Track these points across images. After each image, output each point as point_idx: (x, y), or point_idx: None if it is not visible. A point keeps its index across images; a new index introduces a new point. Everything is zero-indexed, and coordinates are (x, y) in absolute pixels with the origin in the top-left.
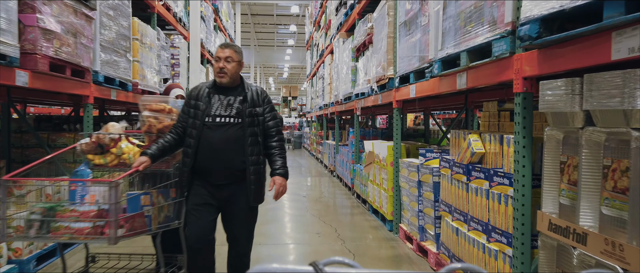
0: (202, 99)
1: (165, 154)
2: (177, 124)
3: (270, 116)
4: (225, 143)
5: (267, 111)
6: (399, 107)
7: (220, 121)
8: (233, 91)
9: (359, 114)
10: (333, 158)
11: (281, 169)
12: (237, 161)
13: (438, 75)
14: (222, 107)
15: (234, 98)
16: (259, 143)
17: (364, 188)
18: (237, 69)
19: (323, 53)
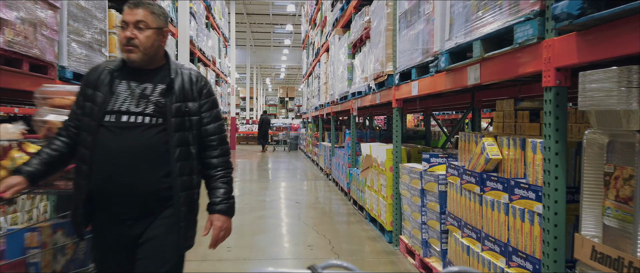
0: (102, 87)
1: (53, 169)
2: (69, 123)
3: (210, 117)
4: (134, 155)
5: (205, 108)
6: (398, 106)
7: (128, 120)
8: (151, 75)
9: (356, 115)
10: (329, 161)
11: (223, 203)
12: (155, 184)
13: (445, 69)
14: (131, 99)
15: (151, 86)
16: (191, 157)
17: (361, 194)
18: (157, 41)
19: (319, 52)
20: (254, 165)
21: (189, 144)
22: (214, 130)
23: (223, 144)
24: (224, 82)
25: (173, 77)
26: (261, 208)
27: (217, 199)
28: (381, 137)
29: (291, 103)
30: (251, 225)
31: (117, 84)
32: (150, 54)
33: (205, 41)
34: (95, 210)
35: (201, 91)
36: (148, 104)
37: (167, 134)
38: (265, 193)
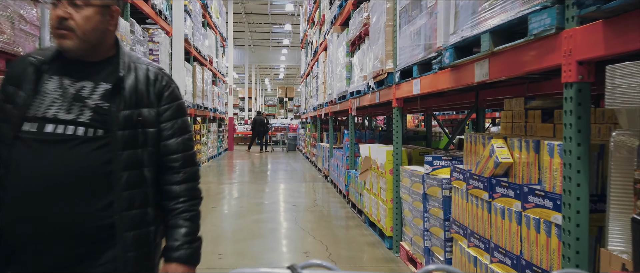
0: (25, 85)
1: None
2: None
3: (173, 128)
4: (60, 180)
5: (166, 117)
6: (399, 106)
7: (54, 131)
8: (94, 70)
9: (354, 115)
10: (327, 162)
11: (183, 248)
12: (90, 220)
13: (449, 65)
14: (62, 102)
15: (91, 86)
16: (145, 182)
17: (360, 197)
18: (102, 24)
19: (317, 51)
20: (251, 166)
21: (142, 166)
22: (177, 147)
23: (189, 165)
24: (221, 82)
25: (123, 75)
26: (257, 212)
27: (176, 242)
28: (381, 138)
29: (290, 103)
30: (246, 230)
31: (45, 80)
32: (92, 41)
33: (202, 39)
34: (5, 257)
35: (161, 93)
36: (84, 109)
37: (109, 151)
38: (262, 195)
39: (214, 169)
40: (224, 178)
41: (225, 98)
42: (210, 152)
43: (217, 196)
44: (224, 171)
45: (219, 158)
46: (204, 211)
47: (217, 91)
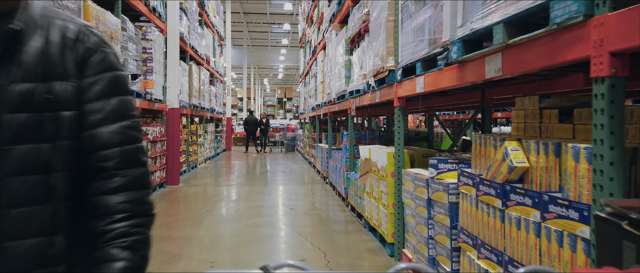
0: None
1: None
2: None
3: (105, 112)
4: None
5: (94, 95)
6: (401, 105)
7: None
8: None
9: (354, 115)
10: (326, 164)
11: None
12: None
13: (456, 61)
14: None
15: None
16: (52, 195)
17: (360, 200)
18: None
19: (315, 50)
20: (248, 168)
21: (48, 170)
22: (111, 138)
23: (130, 165)
24: (219, 82)
25: (19, 28)
26: (253, 215)
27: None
28: (381, 139)
29: (289, 104)
30: (241, 236)
31: None
32: None
33: (198, 38)
34: None
35: (86, 59)
36: None
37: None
38: (259, 198)
39: (211, 171)
40: (221, 180)
41: (223, 98)
42: (207, 153)
43: (213, 198)
44: (221, 173)
45: (216, 159)
46: (199, 215)
47: (215, 91)
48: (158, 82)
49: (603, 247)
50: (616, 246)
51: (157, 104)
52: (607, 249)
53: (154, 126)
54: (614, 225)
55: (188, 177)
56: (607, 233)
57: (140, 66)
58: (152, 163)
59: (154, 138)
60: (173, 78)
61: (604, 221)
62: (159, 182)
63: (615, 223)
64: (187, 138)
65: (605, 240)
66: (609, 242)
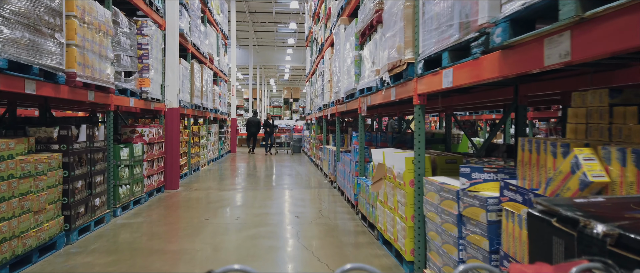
0: None
1: None
2: None
3: None
4: None
5: None
6: (421, 103)
7: None
8: None
9: (364, 115)
10: (333, 167)
11: None
12: None
13: (501, 46)
14: None
15: None
16: None
17: (372, 209)
18: None
19: (322, 47)
20: (253, 170)
21: None
22: None
23: None
24: (223, 82)
25: None
26: (255, 225)
27: None
28: (394, 141)
29: (296, 104)
30: (240, 249)
31: None
32: None
33: (201, 36)
34: None
35: None
36: None
37: None
38: (262, 204)
39: (214, 174)
40: (224, 184)
41: (227, 98)
42: (210, 155)
43: (213, 204)
44: (224, 176)
45: (220, 160)
46: (197, 224)
47: (219, 90)
48: (156, 80)
49: (535, 244)
50: (547, 242)
51: (155, 103)
52: (539, 246)
53: (151, 127)
54: (545, 222)
55: (189, 180)
56: (539, 230)
57: (135, 62)
58: (149, 166)
59: (151, 140)
60: (172, 76)
61: (535, 219)
62: (157, 186)
63: (545, 221)
64: (188, 139)
65: (537, 237)
66: (540, 238)
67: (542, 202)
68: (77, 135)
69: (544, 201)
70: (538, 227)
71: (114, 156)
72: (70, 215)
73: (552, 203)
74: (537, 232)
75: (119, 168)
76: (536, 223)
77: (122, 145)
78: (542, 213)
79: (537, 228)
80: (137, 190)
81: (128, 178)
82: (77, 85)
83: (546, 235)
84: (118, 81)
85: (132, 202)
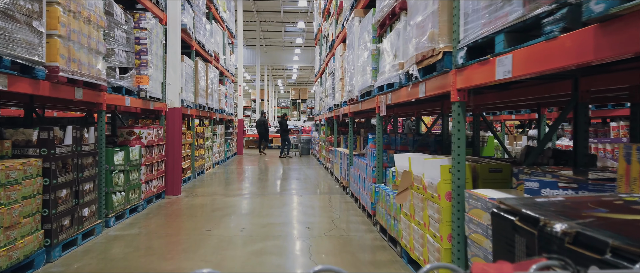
0: None
1: None
2: None
3: None
4: None
5: None
6: (462, 100)
7: None
8: None
9: (384, 115)
10: (346, 171)
11: None
12: None
13: (602, 17)
14: None
15: None
16: None
17: (394, 222)
18: None
19: (333, 44)
20: (260, 173)
21: None
22: None
23: None
24: (229, 82)
25: None
26: (262, 237)
27: None
28: (415, 144)
29: (303, 105)
30: (244, 268)
31: None
32: None
33: (206, 33)
34: None
35: None
36: None
37: None
38: (269, 212)
39: (219, 177)
40: (229, 189)
41: (234, 99)
42: (215, 157)
43: (216, 212)
44: (229, 180)
45: (226, 163)
46: (197, 236)
47: (225, 90)
48: (156, 78)
49: (498, 243)
50: (510, 241)
51: (155, 103)
52: (501, 244)
53: (151, 128)
54: (508, 221)
55: (192, 185)
56: (502, 228)
57: (131, 58)
58: (147, 170)
59: (150, 142)
60: (174, 75)
61: (498, 217)
62: (157, 192)
63: (508, 220)
64: (192, 141)
65: (500, 236)
66: (503, 237)
67: (505, 201)
68: (63, 138)
69: (508, 200)
70: (502, 226)
71: (107, 161)
72: (51, 229)
73: (515, 203)
74: (500, 231)
75: (113, 173)
76: (500, 222)
77: (117, 148)
78: (506, 212)
79: (501, 227)
80: (133, 197)
81: (123, 184)
82: (60, 81)
83: (509, 234)
84: (111, 78)
85: (127, 210)
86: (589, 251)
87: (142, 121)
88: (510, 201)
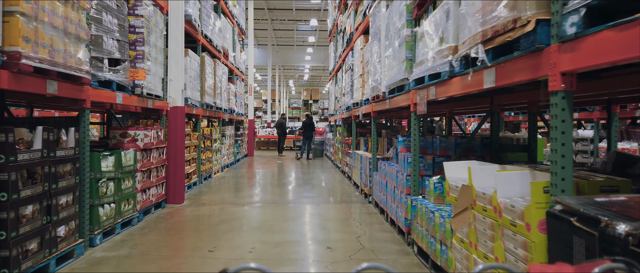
0: None
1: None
2: None
3: None
4: None
5: None
6: (568, 88)
7: None
8: None
9: (423, 113)
10: (367, 177)
11: None
12: None
13: None
14: None
15: None
16: None
17: (440, 246)
18: None
19: (351, 37)
20: (271, 178)
21: None
22: None
23: None
24: (239, 80)
25: None
26: (274, 261)
27: None
28: (457, 148)
29: (315, 106)
30: None
31: None
32: None
33: (214, 27)
34: None
35: None
36: None
37: None
38: (283, 226)
39: (227, 182)
40: (238, 196)
41: (244, 98)
42: (224, 160)
43: (222, 225)
44: (239, 185)
45: (236, 166)
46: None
47: (235, 89)
48: (155, 73)
49: (555, 244)
50: (567, 242)
51: (154, 101)
52: (559, 246)
53: (148, 129)
54: (565, 222)
55: (198, 191)
56: (558, 229)
57: (125, 48)
58: (145, 177)
59: (147, 145)
60: (176, 69)
61: (555, 218)
62: (156, 201)
63: (565, 220)
64: (198, 143)
65: (556, 237)
66: (560, 238)
67: (561, 201)
68: (31, 141)
69: (563, 199)
70: (558, 227)
71: (92, 168)
72: (9, 257)
73: (573, 202)
74: (556, 232)
75: (100, 182)
76: (556, 222)
77: (107, 152)
78: (562, 213)
79: (557, 228)
80: (126, 209)
81: (113, 195)
82: (23, 70)
83: (566, 235)
84: (98, 71)
85: (119, 225)
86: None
87: (143, 121)
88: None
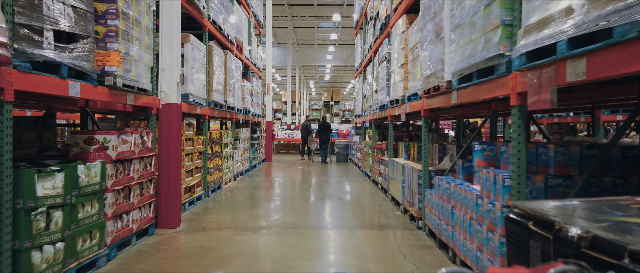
0: None
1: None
2: None
3: None
4: None
5: None
6: None
7: None
8: None
9: (547, 107)
10: (414, 194)
11: None
12: None
13: None
14: None
15: None
16: None
17: None
18: None
19: (388, 21)
20: (290, 189)
21: None
22: None
23: None
24: (255, 77)
25: None
26: None
27: None
28: (582, 163)
29: (336, 107)
30: None
31: None
32: None
33: (225, 14)
34: None
35: None
36: None
37: None
38: (307, 266)
39: (239, 195)
40: (250, 215)
41: (261, 97)
42: (238, 167)
43: (223, 268)
44: (252, 199)
45: (251, 173)
46: None
47: (250, 87)
48: (139, 58)
49: (513, 247)
50: (524, 245)
51: (138, 95)
52: (516, 249)
53: (127, 133)
54: (521, 226)
55: (201, 208)
56: (516, 233)
57: (87, 19)
58: (121, 198)
59: (123, 155)
60: (170, 56)
61: (512, 222)
62: (138, 229)
63: (522, 224)
64: (203, 149)
65: (514, 240)
66: (518, 241)
67: (519, 206)
68: None
69: (521, 204)
70: (515, 230)
71: (19, 194)
72: None
73: (529, 207)
74: (514, 235)
75: (34, 214)
76: (513, 226)
77: (55, 168)
78: (519, 217)
79: (515, 232)
80: (86, 246)
81: (59, 230)
82: None
83: (523, 238)
84: (33, 47)
85: (73, 271)
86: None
87: (134, 123)
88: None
